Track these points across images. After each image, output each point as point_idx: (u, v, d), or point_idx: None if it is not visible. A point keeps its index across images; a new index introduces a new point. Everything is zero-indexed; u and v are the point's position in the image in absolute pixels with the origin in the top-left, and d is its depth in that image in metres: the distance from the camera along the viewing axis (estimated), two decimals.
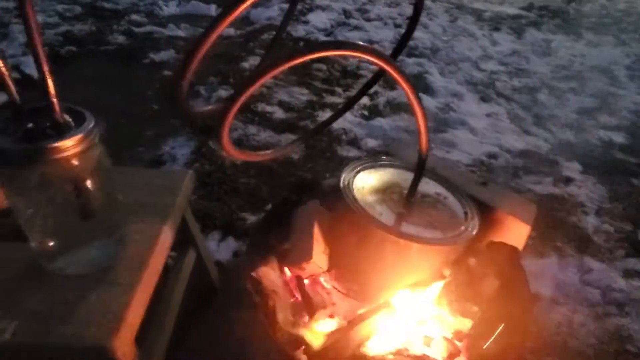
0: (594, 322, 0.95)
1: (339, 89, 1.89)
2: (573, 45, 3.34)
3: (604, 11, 4.54)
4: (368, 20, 3.07)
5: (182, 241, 0.77)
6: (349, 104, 0.67)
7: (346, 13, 3.16)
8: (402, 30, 3.15)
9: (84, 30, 2.41)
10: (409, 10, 3.70)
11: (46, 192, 0.45)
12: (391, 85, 2.07)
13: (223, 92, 1.69)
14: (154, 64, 2.02)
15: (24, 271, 0.52)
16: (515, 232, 0.59)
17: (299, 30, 2.61)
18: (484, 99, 2.27)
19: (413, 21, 0.57)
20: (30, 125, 0.42)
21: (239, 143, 1.40)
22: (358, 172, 0.61)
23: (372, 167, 0.63)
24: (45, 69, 0.39)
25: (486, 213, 0.59)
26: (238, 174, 1.24)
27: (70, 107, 0.45)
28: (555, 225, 1.25)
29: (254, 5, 2.44)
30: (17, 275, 0.52)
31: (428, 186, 0.62)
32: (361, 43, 0.47)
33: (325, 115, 1.62)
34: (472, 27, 3.49)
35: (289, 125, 1.51)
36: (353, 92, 1.90)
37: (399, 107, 1.82)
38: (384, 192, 0.59)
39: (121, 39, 2.31)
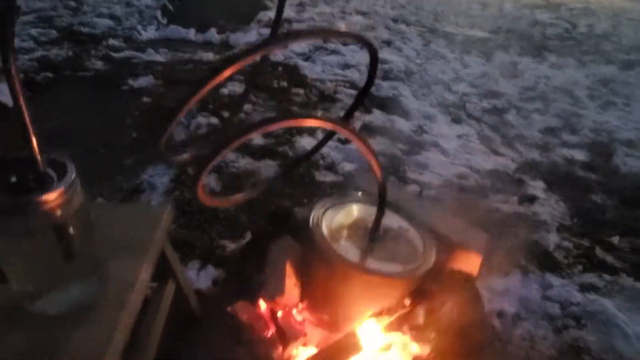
0: (554, 335, 1.02)
1: (316, 114, 1.96)
2: (537, 67, 3.54)
3: (567, 34, 4.84)
4: (344, 44, 3.18)
5: (162, 272, 0.79)
6: (308, 155, 0.72)
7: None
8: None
9: (61, 56, 2.41)
10: (385, 34, 3.86)
11: (29, 239, 0.47)
12: (367, 108, 2.16)
13: (202, 120, 1.73)
14: (133, 90, 2.05)
15: (5, 311, 0.54)
16: (470, 260, 0.64)
17: (277, 55, 2.69)
18: (455, 120, 2.38)
19: (370, 79, 0.63)
20: (13, 178, 0.45)
21: (218, 170, 1.43)
22: (327, 209, 0.66)
23: (340, 204, 0.68)
24: (30, 128, 0.42)
25: (444, 244, 0.64)
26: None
27: (52, 159, 0.48)
28: (519, 243, 1.33)
29: (233, 30, 2.48)
30: None
31: (391, 220, 0.67)
32: (312, 114, 0.53)
33: (302, 140, 1.68)
34: (444, 51, 3.65)
35: (268, 151, 1.56)
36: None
37: (375, 131, 1.90)
38: (351, 227, 0.64)
39: (99, 64, 2.33)
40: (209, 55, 2.62)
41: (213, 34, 2.99)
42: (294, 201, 1.31)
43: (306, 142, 1.66)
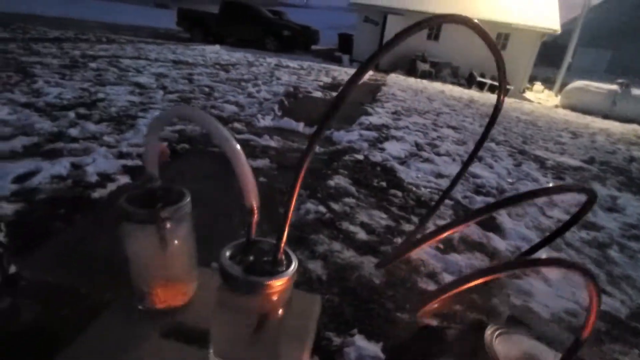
0: None
1: (414, 218, 2.02)
2: None
3: None
4: (438, 154, 3.34)
5: None
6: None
7: (418, 146, 3.48)
8: (470, 168, 3.39)
9: (195, 131, 2.86)
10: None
11: (240, 316, 0.55)
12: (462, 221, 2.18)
13: (311, 206, 1.88)
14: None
15: None
16: None
17: (376, 156, 2.90)
18: (554, 248, 2.28)
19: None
20: (252, 258, 0.54)
21: (324, 258, 1.51)
22: (497, 335, 0.67)
23: (507, 333, 0.68)
24: (288, 220, 0.52)
25: None
26: (323, 290, 1.33)
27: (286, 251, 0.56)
28: None
29: (337, 128, 2.80)
30: None
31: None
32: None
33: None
34: (536, 173, 3.64)
35: (370, 248, 1.62)
36: (427, 224, 2.02)
37: (472, 246, 1.89)
38: None
39: None
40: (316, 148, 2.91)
41: (300, 125, 3.35)
42: (396, 305, 1.31)
43: None
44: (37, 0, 16.84)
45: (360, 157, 2.85)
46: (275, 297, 0.48)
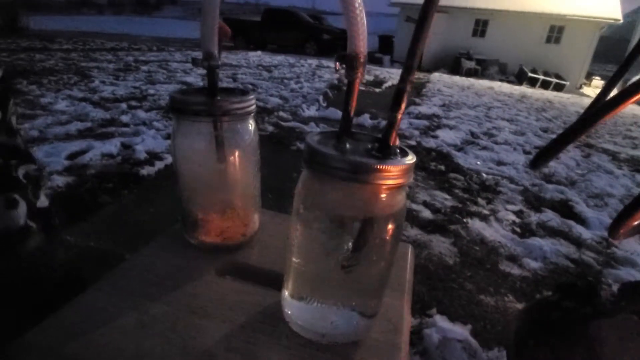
0: None
1: (481, 201, 1.80)
2: None
3: None
4: (496, 143, 3.07)
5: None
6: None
7: (473, 134, 3.22)
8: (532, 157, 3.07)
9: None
10: (536, 140, 3.66)
11: (332, 224, 0.40)
12: (536, 207, 1.93)
13: None
14: (299, 151, 2.21)
15: (269, 323, 0.43)
16: None
17: (429, 142, 2.70)
18: None
19: None
20: (349, 146, 0.39)
21: None
22: None
23: None
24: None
25: None
26: None
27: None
28: None
29: (384, 117, 2.63)
30: (254, 321, 0.43)
31: None
32: None
33: (475, 223, 1.52)
34: (609, 165, 3.26)
35: (437, 226, 1.44)
36: (496, 207, 1.79)
37: (553, 232, 1.64)
38: None
39: (271, 128, 2.63)
40: None
41: (366, 119, 3.19)
42: (477, 287, 1.12)
43: (479, 225, 1.49)
44: (96, 20, 18.16)
45: (412, 142, 2.65)
46: (386, 195, 0.34)
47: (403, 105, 0.33)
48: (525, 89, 9.75)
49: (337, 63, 0.35)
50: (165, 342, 0.38)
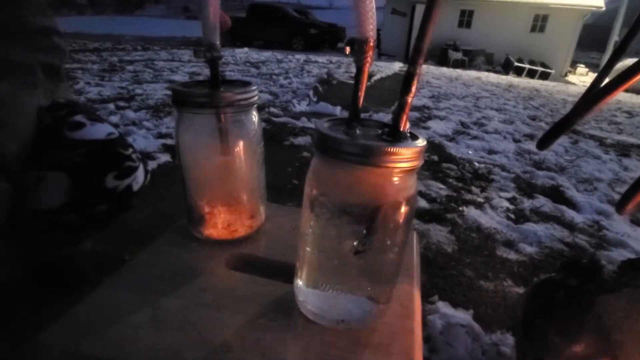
0: None
1: (475, 189, 1.82)
2: None
3: None
4: (486, 132, 3.10)
5: None
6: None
7: (464, 124, 3.25)
8: (522, 145, 3.11)
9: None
10: (525, 128, 3.71)
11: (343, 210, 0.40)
12: (528, 193, 1.96)
13: None
14: (293, 146, 2.21)
15: (273, 308, 0.44)
16: None
17: (421, 134, 2.71)
18: (636, 222, 2.00)
19: None
20: (358, 132, 0.38)
21: None
22: None
23: None
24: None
25: None
26: None
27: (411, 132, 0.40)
28: None
29: (376, 110, 2.56)
30: (267, 311, 0.45)
31: None
32: None
33: (470, 211, 1.54)
34: (596, 151, 3.32)
35: (434, 216, 1.45)
36: (490, 194, 1.81)
37: (546, 217, 1.67)
38: None
39: (263, 124, 2.61)
40: None
41: None
42: (476, 273, 1.13)
43: (475, 213, 1.51)
44: (77, 21, 17.80)
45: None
46: (398, 179, 0.34)
47: (414, 89, 0.33)
48: (512, 79, 9.85)
49: (347, 47, 0.35)
50: (181, 336, 0.38)
